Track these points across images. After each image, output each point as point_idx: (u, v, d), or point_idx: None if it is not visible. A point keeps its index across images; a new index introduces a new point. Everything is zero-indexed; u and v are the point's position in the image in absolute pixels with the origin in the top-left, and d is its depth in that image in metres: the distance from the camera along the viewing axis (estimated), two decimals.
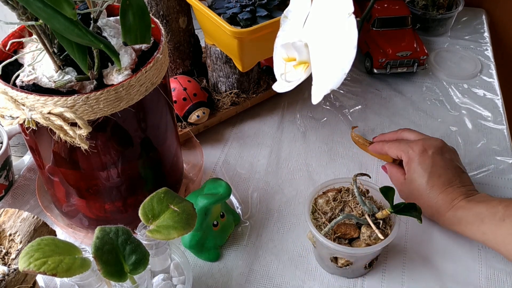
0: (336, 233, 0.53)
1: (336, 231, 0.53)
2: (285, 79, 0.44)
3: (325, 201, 0.57)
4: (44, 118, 0.42)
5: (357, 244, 0.53)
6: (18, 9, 0.40)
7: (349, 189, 0.58)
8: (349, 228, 0.53)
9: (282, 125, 0.79)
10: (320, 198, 0.57)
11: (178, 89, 0.72)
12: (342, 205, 0.56)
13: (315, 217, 0.56)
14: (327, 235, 0.53)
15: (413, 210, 0.52)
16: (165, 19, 0.72)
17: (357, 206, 0.55)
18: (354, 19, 0.36)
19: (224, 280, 0.58)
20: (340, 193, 0.58)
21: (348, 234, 0.53)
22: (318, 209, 0.56)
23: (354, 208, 0.55)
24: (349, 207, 0.56)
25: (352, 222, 0.54)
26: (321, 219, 0.55)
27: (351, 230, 0.53)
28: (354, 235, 0.53)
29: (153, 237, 0.44)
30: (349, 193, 0.57)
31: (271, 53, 0.47)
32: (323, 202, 0.57)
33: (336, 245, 0.52)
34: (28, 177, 0.69)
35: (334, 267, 0.56)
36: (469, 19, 1.04)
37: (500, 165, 0.71)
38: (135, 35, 0.42)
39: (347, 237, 0.54)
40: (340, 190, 0.58)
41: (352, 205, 0.56)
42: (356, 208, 0.55)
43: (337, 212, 0.55)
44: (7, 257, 0.48)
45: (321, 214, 0.56)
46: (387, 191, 0.52)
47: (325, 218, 0.55)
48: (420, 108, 0.82)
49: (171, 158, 0.60)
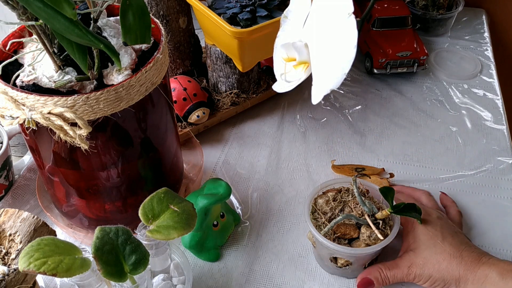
0: (335, 233, 0.53)
1: (335, 231, 0.53)
2: (285, 79, 0.44)
3: (325, 201, 0.57)
4: (44, 118, 0.42)
5: (357, 244, 0.53)
6: (18, 9, 0.40)
7: (349, 189, 0.58)
8: (348, 228, 0.53)
9: (282, 125, 0.79)
10: (320, 198, 0.57)
11: (178, 89, 0.72)
12: (342, 205, 0.56)
13: (315, 217, 0.56)
14: (327, 235, 0.53)
15: (412, 211, 0.52)
16: (165, 19, 0.72)
17: (357, 206, 0.55)
18: (354, 19, 0.36)
19: (224, 280, 0.58)
20: (340, 193, 0.57)
21: (347, 234, 0.53)
22: (318, 209, 0.56)
23: (354, 208, 0.55)
24: (349, 207, 0.56)
25: (352, 222, 0.54)
26: (320, 219, 0.55)
27: (350, 230, 0.53)
28: (353, 235, 0.53)
29: (153, 237, 0.44)
30: (349, 193, 0.57)
31: (271, 53, 0.47)
32: (323, 202, 0.57)
33: (335, 245, 0.52)
34: (28, 177, 0.69)
35: (334, 267, 0.56)
36: (469, 19, 1.04)
37: (500, 165, 0.71)
38: (135, 35, 0.42)
39: (347, 237, 0.54)
40: (340, 190, 0.58)
41: (352, 205, 0.55)
42: (356, 208, 0.55)
43: (337, 212, 0.55)
44: (7, 257, 0.48)
45: (321, 214, 0.55)
46: (387, 192, 0.52)
47: (324, 218, 0.55)
48: (420, 108, 0.82)
49: (171, 158, 0.60)
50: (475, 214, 0.64)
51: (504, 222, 0.63)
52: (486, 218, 0.64)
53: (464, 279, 0.51)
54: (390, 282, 0.54)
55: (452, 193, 0.67)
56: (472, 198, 0.67)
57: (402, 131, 0.78)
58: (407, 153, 0.74)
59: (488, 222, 0.63)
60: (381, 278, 0.54)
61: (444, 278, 0.52)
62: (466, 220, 0.63)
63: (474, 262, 0.51)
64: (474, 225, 0.62)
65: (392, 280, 0.54)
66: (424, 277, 0.53)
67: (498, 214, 0.64)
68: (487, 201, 0.66)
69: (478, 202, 0.66)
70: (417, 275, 0.53)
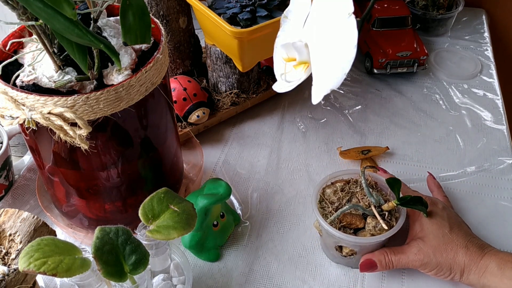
0: (341, 222, 0.54)
1: (342, 220, 0.54)
2: (285, 79, 0.44)
3: (333, 191, 0.58)
4: (44, 118, 0.42)
5: (362, 234, 0.54)
6: (18, 9, 0.40)
7: (357, 180, 0.59)
8: (354, 218, 0.54)
9: (282, 125, 0.79)
10: (328, 188, 0.58)
11: (178, 89, 0.72)
12: (349, 196, 0.57)
13: (322, 206, 0.57)
14: (333, 224, 0.54)
15: (419, 203, 0.53)
16: (165, 19, 0.72)
17: (364, 197, 0.56)
18: (354, 19, 0.36)
19: (224, 280, 0.58)
20: (349, 184, 0.59)
21: (353, 224, 0.54)
22: (325, 199, 0.57)
23: (361, 199, 0.56)
24: (356, 198, 0.57)
25: (358, 213, 0.55)
26: (328, 208, 0.56)
27: (356, 220, 0.54)
28: (359, 225, 0.54)
29: (153, 237, 0.44)
30: (357, 184, 0.58)
31: (271, 53, 0.47)
32: (331, 192, 0.58)
33: (340, 233, 0.53)
34: (28, 177, 0.69)
35: (339, 256, 0.57)
36: (469, 19, 1.04)
37: (500, 165, 0.71)
38: (135, 35, 0.42)
39: (353, 227, 0.54)
40: (349, 182, 0.59)
41: (359, 197, 0.57)
42: (363, 199, 0.56)
43: (344, 202, 0.56)
44: (7, 257, 0.48)
45: (328, 204, 0.56)
46: (393, 183, 0.53)
47: (332, 208, 0.56)
48: (420, 108, 0.82)
49: (171, 158, 0.60)
50: (475, 214, 0.64)
51: (504, 222, 0.63)
52: (486, 218, 0.64)
53: (468, 269, 0.52)
54: (394, 267, 0.55)
55: (452, 193, 0.67)
56: (472, 198, 0.67)
57: (402, 131, 0.78)
58: (407, 153, 0.74)
59: (488, 222, 0.63)
60: (385, 262, 0.54)
61: (450, 267, 0.53)
62: (466, 220, 0.63)
63: (478, 252, 0.52)
64: (474, 225, 0.62)
65: (396, 265, 0.55)
66: (431, 265, 0.53)
67: (498, 214, 0.64)
68: (487, 201, 0.66)
69: (478, 202, 0.66)
70: (424, 263, 0.53)
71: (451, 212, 0.58)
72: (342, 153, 0.72)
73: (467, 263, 0.52)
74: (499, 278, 0.50)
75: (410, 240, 0.56)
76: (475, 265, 0.52)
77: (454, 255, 0.53)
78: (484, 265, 0.52)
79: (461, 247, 0.53)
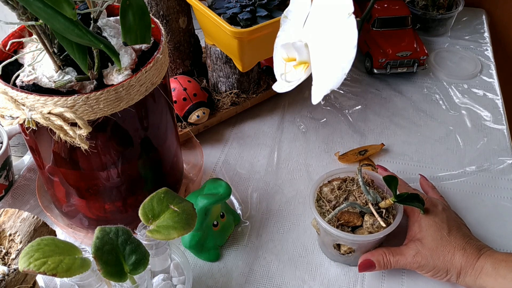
0: (339, 221, 0.54)
1: (339, 218, 0.54)
2: (285, 79, 0.44)
3: (330, 189, 0.58)
4: (44, 118, 0.42)
5: (360, 232, 0.54)
6: (18, 9, 0.40)
7: (354, 178, 0.59)
8: (352, 216, 0.54)
9: (282, 125, 0.79)
10: (325, 187, 0.58)
11: (178, 89, 0.72)
12: (346, 194, 0.57)
13: (320, 204, 0.57)
14: (331, 222, 0.54)
15: (415, 200, 0.53)
16: (165, 19, 0.72)
17: (361, 195, 0.56)
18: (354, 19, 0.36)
19: (224, 280, 0.58)
20: (345, 182, 0.59)
21: (351, 222, 0.54)
22: (323, 197, 0.57)
23: (358, 197, 0.56)
24: (354, 196, 0.57)
25: (356, 211, 0.55)
26: (325, 207, 0.56)
27: (354, 218, 0.54)
28: (357, 223, 0.54)
29: (153, 237, 0.44)
30: (354, 182, 0.58)
31: (271, 53, 0.47)
32: (328, 191, 0.58)
33: (338, 231, 0.53)
34: (28, 177, 0.69)
35: (337, 255, 0.57)
36: (469, 19, 1.04)
37: (500, 165, 0.71)
38: (135, 35, 0.42)
39: (350, 225, 0.55)
40: (345, 180, 0.59)
41: (356, 194, 0.57)
42: (360, 197, 0.56)
43: (341, 200, 0.57)
44: (7, 257, 0.48)
45: (326, 202, 0.57)
46: (390, 181, 0.53)
47: (329, 206, 0.56)
48: (420, 108, 0.82)
49: (171, 158, 0.60)
50: (475, 214, 0.64)
51: (503, 222, 0.63)
52: (486, 218, 0.64)
53: (464, 271, 0.52)
54: (392, 267, 0.55)
55: (452, 193, 0.67)
56: (472, 198, 0.67)
57: (402, 131, 0.78)
58: (407, 153, 0.74)
59: (487, 222, 0.63)
60: (383, 262, 0.55)
61: (447, 269, 0.53)
62: (465, 219, 0.63)
63: (474, 254, 0.52)
64: (474, 225, 0.62)
65: (394, 265, 0.55)
66: (428, 267, 0.53)
67: (498, 214, 0.64)
68: (487, 201, 0.66)
69: (478, 202, 0.66)
70: (421, 265, 0.54)
71: (451, 213, 0.58)
72: (340, 157, 0.71)
73: (463, 265, 0.52)
74: (493, 278, 0.50)
75: (408, 241, 0.56)
76: (471, 266, 0.52)
77: (451, 257, 0.53)
78: (479, 266, 0.52)
79: (458, 249, 0.53)
